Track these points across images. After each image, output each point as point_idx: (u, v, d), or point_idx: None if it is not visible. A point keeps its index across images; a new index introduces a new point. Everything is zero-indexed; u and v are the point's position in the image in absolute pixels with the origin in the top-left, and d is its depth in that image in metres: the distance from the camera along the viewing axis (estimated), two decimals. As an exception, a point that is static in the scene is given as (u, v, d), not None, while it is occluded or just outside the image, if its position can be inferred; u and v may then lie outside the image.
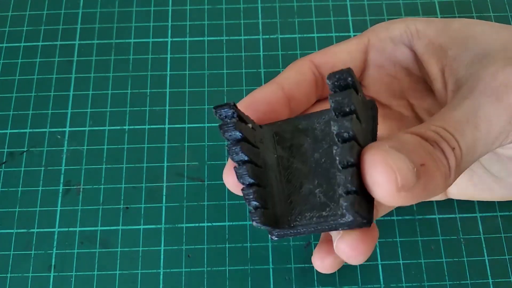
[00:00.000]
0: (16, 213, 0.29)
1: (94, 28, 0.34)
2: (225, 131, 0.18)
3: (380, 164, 0.16)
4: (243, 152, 0.18)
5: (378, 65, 0.25)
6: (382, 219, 0.28)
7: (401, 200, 0.17)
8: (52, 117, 0.31)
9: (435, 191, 0.18)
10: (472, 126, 0.19)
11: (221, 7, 0.34)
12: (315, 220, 0.18)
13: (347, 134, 0.16)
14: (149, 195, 0.29)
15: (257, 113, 0.22)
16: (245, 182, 0.18)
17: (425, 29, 0.24)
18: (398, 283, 0.27)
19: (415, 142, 0.18)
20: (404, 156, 0.16)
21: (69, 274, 0.27)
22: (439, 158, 0.18)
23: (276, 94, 0.22)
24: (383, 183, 0.16)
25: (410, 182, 0.16)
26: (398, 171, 0.16)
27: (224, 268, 0.27)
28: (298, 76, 0.23)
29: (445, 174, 0.18)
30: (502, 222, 0.28)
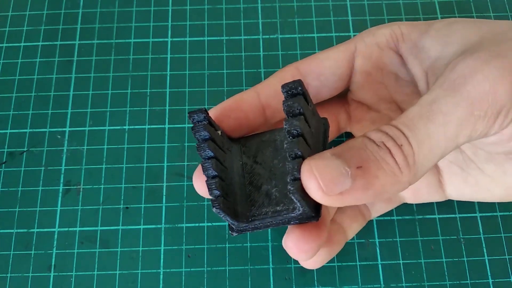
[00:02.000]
0: (16, 213, 0.29)
1: (94, 28, 0.34)
2: (195, 132, 0.20)
3: (305, 172, 0.18)
4: (209, 149, 0.20)
5: (365, 71, 0.25)
6: (382, 219, 0.28)
7: (339, 202, 0.18)
8: (52, 117, 0.31)
9: (385, 190, 0.18)
10: (425, 120, 0.18)
11: (221, 7, 0.34)
12: (270, 214, 0.20)
13: (296, 131, 0.18)
14: (149, 195, 0.29)
15: (229, 119, 0.23)
16: (209, 174, 0.20)
17: (410, 32, 0.24)
18: (398, 283, 0.27)
19: (360, 145, 0.18)
20: (338, 161, 0.18)
21: (69, 274, 0.27)
22: (383, 158, 0.18)
23: (250, 101, 0.23)
24: (310, 189, 0.18)
25: (340, 186, 0.17)
26: (321, 177, 0.17)
27: (224, 268, 0.27)
28: (278, 84, 0.23)
29: (393, 173, 0.18)
30: (502, 222, 0.28)
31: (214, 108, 0.23)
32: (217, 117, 0.23)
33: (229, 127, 0.23)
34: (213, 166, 0.20)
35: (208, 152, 0.20)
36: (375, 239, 0.28)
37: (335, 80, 0.25)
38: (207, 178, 0.20)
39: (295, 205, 0.20)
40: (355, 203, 0.18)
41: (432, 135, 0.18)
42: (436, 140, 0.18)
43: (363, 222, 0.26)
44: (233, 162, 0.22)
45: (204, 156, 0.20)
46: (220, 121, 0.23)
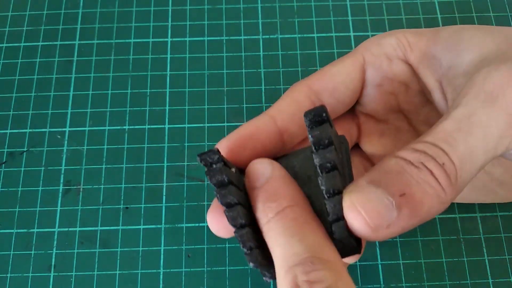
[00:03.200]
0: (16, 213, 0.29)
1: (94, 28, 0.34)
2: (211, 176, 0.18)
3: (349, 210, 0.17)
4: (232, 195, 0.18)
5: (376, 83, 0.24)
6: (382, 219, 0.28)
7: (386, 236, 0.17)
8: (52, 117, 0.31)
9: (430, 213, 0.17)
10: (465, 134, 0.18)
11: (221, 7, 0.34)
12: None
13: (329, 164, 0.17)
14: (149, 195, 0.29)
15: (245, 151, 0.21)
16: (236, 224, 0.18)
17: (417, 41, 0.23)
18: (398, 283, 0.27)
19: (397, 169, 0.17)
20: (379, 191, 0.17)
21: (69, 274, 0.27)
22: (426, 181, 0.17)
23: (267, 128, 0.22)
24: (357, 228, 0.17)
25: (387, 218, 0.16)
26: (367, 214, 0.16)
27: (224, 268, 0.27)
28: (293, 107, 0.22)
29: (437, 195, 0.17)
30: (502, 222, 0.28)
31: (227, 139, 0.21)
32: (231, 150, 0.21)
33: (245, 159, 0.21)
34: (240, 214, 0.18)
35: (232, 199, 0.18)
36: (375, 239, 0.28)
37: (349, 95, 0.24)
38: (235, 228, 0.18)
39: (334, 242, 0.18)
40: (401, 233, 0.17)
41: (472, 149, 0.18)
42: (476, 154, 0.18)
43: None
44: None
45: (226, 203, 0.18)
46: (234, 153, 0.21)
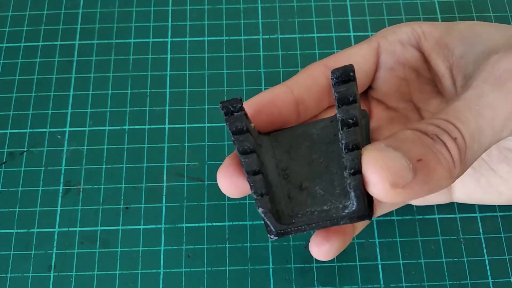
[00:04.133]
0: (16, 213, 0.29)
1: (94, 28, 0.34)
2: (231, 122, 0.18)
3: (372, 164, 0.17)
4: (249, 142, 0.18)
5: (389, 67, 0.25)
6: (382, 219, 0.28)
7: (400, 197, 0.17)
8: (52, 117, 0.31)
9: (440, 185, 0.18)
10: (475, 113, 0.18)
11: (221, 7, 0.34)
12: (316, 214, 0.18)
13: (352, 120, 0.17)
14: (149, 195, 0.29)
15: (262, 115, 0.22)
16: (250, 170, 0.18)
17: (431, 31, 0.24)
18: (398, 283, 0.27)
19: (414, 137, 0.18)
20: (398, 154, 0.17)
21: (69, 274, 0.27)
22: (440, 151, 0.18)
23: (284, 96, 0.22)
24: (376, 182, 0.17)
25: (404, 179, 0.17)
26: (388, 170, 0.17)
27: (224, 268, 0.27)
28: (309, 81, 0.23)
29: (449, 167, 0.18)
30: (502, 222, 0.28)
31: (247, 103, 0.22)
32: (249, 112, 0.21)
33: (261, 122, 0.22)
34: (255, 160, 0.18)
35: (248, 146, 0.18)
36: (375, 239, 0.28)
37: (363, 76, 0.25)
38: (248, 175, 0.18)
39: (346, 203, 0.18)
40: (411, 199, 0.18)
41: (481, 128, 0.18)
42: (484, 134, 0.18)
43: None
44: (266, 159, 0.20)
45: (243, 150, 0.18)
46: (252, 116, 0.21)
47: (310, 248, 0.23)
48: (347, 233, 0.24)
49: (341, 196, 0.19)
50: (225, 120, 0.18)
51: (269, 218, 0.18)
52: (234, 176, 0.20)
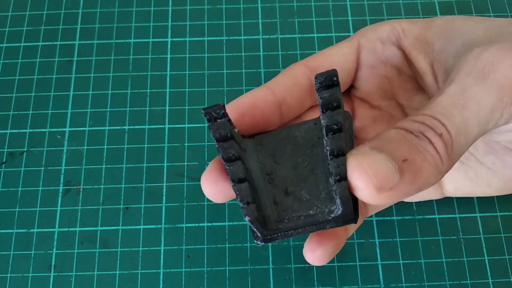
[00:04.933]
0: (16, 213, 0.29)
1: (94, 28, 0.34)
2: (215, 130, 0.18)
3: (357, 170, 0.17)
4: (234, 149, 0.18)
5: (370, 65, 0.25)
6: (382, 219, 0.28)
7: (388, 199, 0.17)
8: (52, 117, 0.31)
9: (428, 182, 0.18)
10: (460, 107, 0.18)
11: (221, 7, 0.34)
12: (302, 219, 0.18)
13: (336, 126, 0.17)
14: (149, 195, 0.29)
15: (245, 117, 0.21)
16: (236, 178, 0.18)
17: (410, 28, 0.24)
18: (398, 283, 0.27)
19: (398, 137, 0.18)
20: (383, 156, 0.17)
21: (69, 274, 0.27)
22: (426, 149, 0.17)
23: (266, 98, 0.22)
24: (362, 187, 0.17)
25: (391, 181, 0.17)
26: (374, 174, 0.17)
27: (224, 268, 0.27)
28: (290, 81, 0.23)
29: (436, 163, 0.18)
30: (502, 222, 0.28)
31: (228, 105, 0.22)
32: (231, 116, 0.21)
33: (244, 125, 0.21)
34: (240, 168, 0.18)
35: (233, 153, 0.18)
36: (375, 239, 0.28)
37: (344, 75, 0.25)
38: (233, 183, 0.18)
39: (332, 208, 0.18)
40: (400, 199, 0.18)
41: (467, 122, 0.18)
42: (470, 127, 0.18)
43: (362, 218, 0.26)
44: (251, 163, 0.20)
45: (228, 157, 0.18)
46: (235, 120, 0.21)
47: (304, 254, 0.23)
48: (339, 237, 0.24)
49: (327, 200, 0.19)
50: (208, 127, 0.18)
51: (256, 226, 0.18)
52: (218, 182, 0.20)
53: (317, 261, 0.23)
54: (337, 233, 0.24)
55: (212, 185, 0.20)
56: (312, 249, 0.23)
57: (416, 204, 0.29)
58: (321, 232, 0.23)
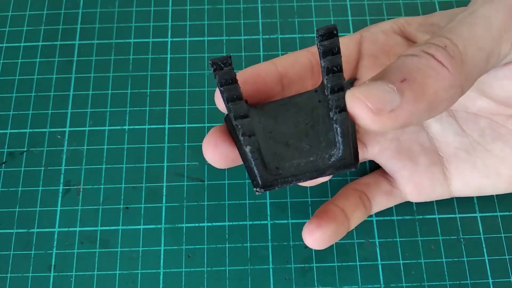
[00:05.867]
0: (16, 213, 0.29)
1: (94, 28, 0.34)
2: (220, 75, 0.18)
3: (354, 98, 0.17)
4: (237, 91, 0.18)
5: (372, 54, 0.25)
6: (382, 219, 0.28)
7: (392, 121, 0.17)
8: (52, 117, 0.31)
9: (439, 97, 0.17)
10: (468, 24, 0.18)
11: (221, 7, 0.34)
12: (302, 165, 0.19)
13: (336, 68, 0.18)
14: (149, 195, 0.29)
15: (247, 85, 0.22)
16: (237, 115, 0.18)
17: (412, 19, 0.25)
18: (398, 283, 0.27)
19: (396, 63, 0.18)
20: (378, 82, 0.17)
21: (69, 274, 0.27)
22: (427, 65, 0.17)
23: (268, 69, 0.23)
24: (359, 112, 0.17)
25: (390, 102, 0.17)
26: (366, 98, 0.17)
27: (224, 268, 0.27)
28: (292, 58, 0.24)
29: (442, 77, 0.17)
30: (502, 222, 0.28)
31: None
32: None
33: (246, 93, 0.22)
34: (243, 107, 0.18)
35: (237, 93, 0.18)
36: (375, 239, 0.28)
37: (346, 64, 0.25)
38: (236, 120, 0.18)
39: (332, 152, 0.19)
40: (412, 121, 0.17)
41: (476, 35, 0.18)
42: (481, 38, 0.18)
43: (365, 213, 0.26)
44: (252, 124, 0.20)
45: (232, 98, 0.18)
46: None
47: (303, 237, 0.23)
48: (339, 221, 0.24)
49: (327, 147, 0.19)
50: (214, 73, 0.18)
51: (257, 163, 0.18)
52: (219, 144, 0.20)
53: (316, 244, 0.23)
54: (336, 217, 0.24)
55: (213, 147, 0.20)
56: (311, 231, 0.23)
57: (416, 204, 0.29)
58: (320, 215, 0.24)
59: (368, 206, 0.26)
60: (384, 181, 0.27)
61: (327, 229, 0.23)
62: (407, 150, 0.26)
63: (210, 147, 0.21)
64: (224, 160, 0.21)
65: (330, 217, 0.24)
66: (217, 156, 0.21)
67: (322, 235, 0.23)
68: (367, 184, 0.27)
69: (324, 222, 0.23)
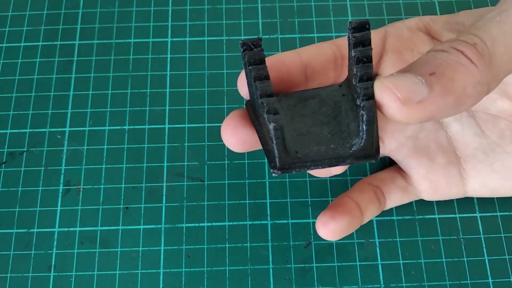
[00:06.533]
0: (16, 213, 0.29)
1: (94, 28, 0.34)
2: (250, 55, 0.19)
3: (382, 87, 0.17)
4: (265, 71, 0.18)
5: (396, 50, 0.25)
6: (382, 219, 0.28)
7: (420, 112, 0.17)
8: (52, 117, 0.31)
9: (467, 93, 0.17)
10: (497, 22, 0.18)
11: (221, 7, 0.34)
12: (323, 151, 0.19)
13: (366, 58, 0.18)
14: (149, 195, 0.29)
15: (271, 71, 0.22)
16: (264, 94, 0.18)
17: (437, 17, 0.25)
18: (398, 283, 0.27)
19: (426, 57, 0.18)
20: (407, 73, 0.17)
21: (69, 274, 0.27)
22: (456, 61, 0.17)
23: (292, 57, 0.23)
24: (388, 102, 0.17)
25: (418, 93, 0.17)
26: (397, 88, 0.17)
27: (224, 268, 0.27)
28: (316, 49, 0.23)
29: (471, 73, 0.17)
30: (502, 222, 0.28)
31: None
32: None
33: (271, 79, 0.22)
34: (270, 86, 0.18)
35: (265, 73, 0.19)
36: (375, 239, 0.28)
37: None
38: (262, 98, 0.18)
39: (354, 141, 0.19)
40: (438, 114, 0.17)
41: (505, 33, 0.18)
42: (510, 38, 0.18)
43: (379, 208, 0.26)
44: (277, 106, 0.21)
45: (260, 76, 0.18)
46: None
47: (317, 228, 0.24)
48: (353, 215, 0.24)
49: (348, 137, 0.19)
50: (242, 53, 0.19)
51: (278, 143, 0.18)
52: (238, 127, 0.20)
53: (329, 235, 0.24)
54: (351, 210, 0.24)
55: (233, 130, 0.20)
56: (325, 223, 0.23)
57: (416, 204, 0.29)
58: (335, 207, 0.24)
59: (382, 202, 0.26)
60: (400, 177, 0.27)
61: (341, 222, 0.23)
62: (424, 148, 0.26)
63: (229, 130, 0.21)
64: (241, 143, 0.21)
65: (345, 210, 0.24)
66: (235, 139, 0.21)
67: (336, 227, 0.23)
68: (382, 180, 0.27)
69: (339, 214, 0.23)
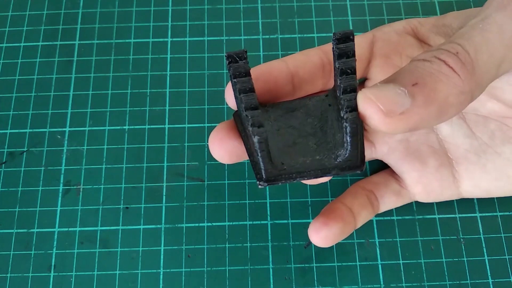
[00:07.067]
0: (16, 213, 0.29)
1: (94, 28, 0.34)
2: (235, 68, 0.19)
3: (365, 99, 0.17)
4: (250, 84, 0.19)
5: (385, 55, 0.25)
6: (382, 219, 0.28)
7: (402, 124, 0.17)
8: (52, 117, 0.31)
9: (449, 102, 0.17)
10: (480, 30, 0.18)
11: (221, 7, 0.34)
12: (308, 163, 0.19)
13: (350, 70, 0.18)
14: (149, 195, 0.29)
15: (259, 82, 0.22)
16: (248, 106, 0.18)
17: (425, 20, 0.25)
18: (398, 283, 0.27)
19: (408, 67, 0.18)
20: (390, 84, 0.17)
21: (69, 274, 0.27)
22: (438, 70, 0.17)
23: (279, 67, 0.23)
24: (370, 114, 0.17)
25: (400, 105, 0.17)
26: (379, 99, 0.17)
27: (224, 268, 0.27)
28: (304, 57, 0.23)
29: (453, 83, 0.17)
30: (502, 222, 0.28)
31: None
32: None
33: (257, 91, 0.22)
34: (254, 99, 0.18)
35: (250, 86, 0.19)
36: (375, 239, 0.28)
37: (357, 63, 0.25)
38: (246, 111, 0.18)
39: (339, 152, 0.19)
40: (422, 124, 0.17)
41: (488, 41, 0.18)
42: (493, 45, 0.18)
43: (372, 213, 0.26)
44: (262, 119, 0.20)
45: (245, 90, 0.19)
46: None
47: (309, 235, 0.23)
48: (346, 221, 0.24)
49: (334, 148, 0.19)
50: (228, 65, 0.19)
51: (263, 155, 0.18)
52: (225, 139, 0.20)
53: (322, 242, 0.24)
54: (343, 216, 0.24)
55: (219, 142, 0.21)
56: (317, 229, 0.23)
57: (416, 204, 0.29)
58: (328, 213, 0.24)
59: (375, 206, 0.26)
60: (393, 181, 0.27)
61: (333, 228, 0.23)
62: (416, 151, 0.26)
63: (216, 142, 0.21)
64: (228, 155, 0.21)
65: (337, 216, 0.24)
66: (223, 151, 0.21)
67: (328, 234, 0.23)
68: (376, 183, 0.27)
69: (331, 221, 0.23)
